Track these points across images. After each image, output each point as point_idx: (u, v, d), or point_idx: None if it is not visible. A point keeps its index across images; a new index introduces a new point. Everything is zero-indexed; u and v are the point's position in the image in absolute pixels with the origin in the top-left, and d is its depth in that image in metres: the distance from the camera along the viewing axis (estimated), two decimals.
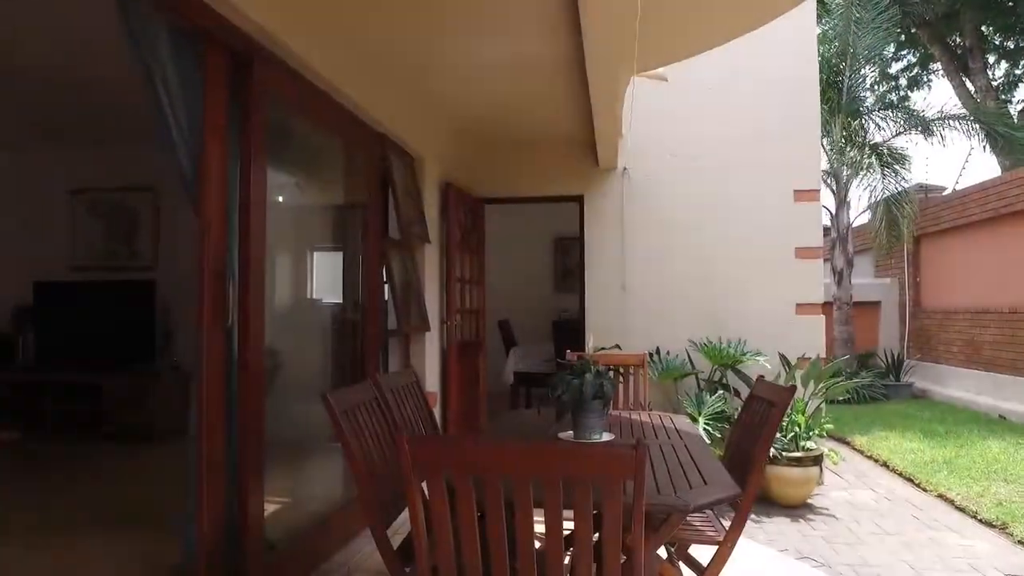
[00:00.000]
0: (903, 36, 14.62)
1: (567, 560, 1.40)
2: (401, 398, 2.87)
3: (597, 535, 1.39)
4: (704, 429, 4.44)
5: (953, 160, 35.34)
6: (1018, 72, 15.33)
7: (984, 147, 10.54)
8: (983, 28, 14.11)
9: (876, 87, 10.43)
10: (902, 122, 9.70)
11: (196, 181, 2.39)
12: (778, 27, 4.54)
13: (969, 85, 13.78)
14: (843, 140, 9.11)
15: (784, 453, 4.22)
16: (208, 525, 2.44)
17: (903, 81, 16.15)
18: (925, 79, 16.04)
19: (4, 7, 3.38)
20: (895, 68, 15.99)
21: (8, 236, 6.39)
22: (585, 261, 5.47)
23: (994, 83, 14.51)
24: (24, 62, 4.12)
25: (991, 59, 14.90)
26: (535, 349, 6.81)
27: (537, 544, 1.34)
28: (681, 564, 2.51)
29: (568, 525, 1.27)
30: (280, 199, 3.31)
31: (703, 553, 2.37)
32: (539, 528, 1.32)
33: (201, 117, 2.39)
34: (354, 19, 3.12)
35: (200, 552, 2.44)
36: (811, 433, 4.41)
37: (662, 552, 2.34)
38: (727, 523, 2.34)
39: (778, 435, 4.19)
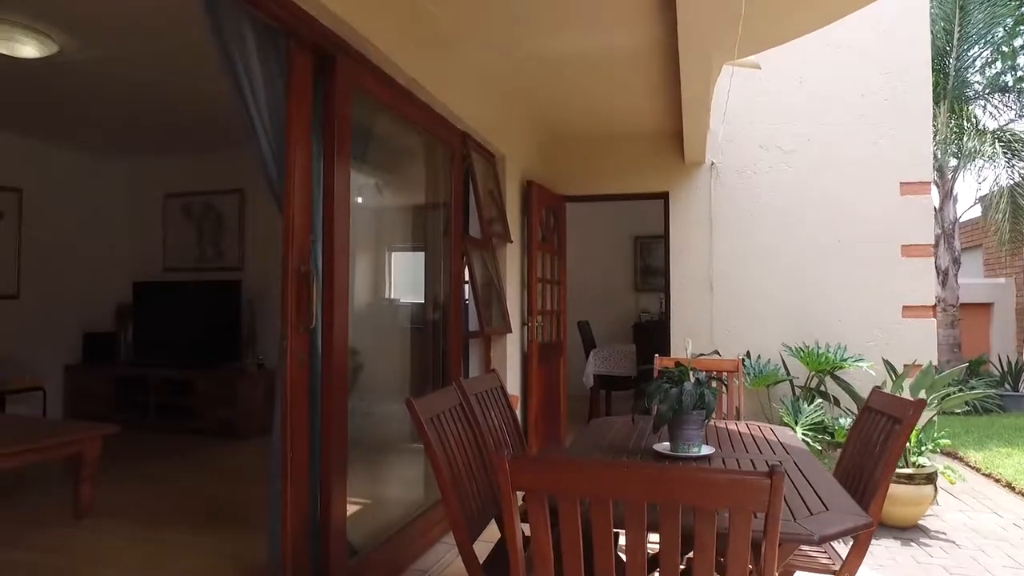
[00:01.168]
0: None
1: None
2: (485, 403, 2.76)
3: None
4: (802, 440, 4.13)
5: None
6: None
7: None
8: None
9: (988, 68, 9.53)
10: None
11: (281, 180, 2.37)
12: (883, 5, 4.19)
13: None
14: (951, 128, 8.41)
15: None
16: (292, 527, 2.41)
17: None
18: None
19: (108, 33, 3.52)
20: (1018, 44, 14.55)
21: (114, 238, 6.76)
22: (670, 260, 5.23)
23: None
24: (124, 79, 4.33)
25: None
26: (615, 351, 6.60)
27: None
28: None
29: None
30: (360, 198, 3.28)
31: None
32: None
33: (285, 115, 2.36)
34: (435, 13, 3.04)
35: (284, 554, 2.41)
36: (923, 448, 4.03)
37: None
38: (839, 548, 2.11)
39: None
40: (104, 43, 3.89)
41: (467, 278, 3.82)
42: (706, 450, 2.34)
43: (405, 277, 4.57)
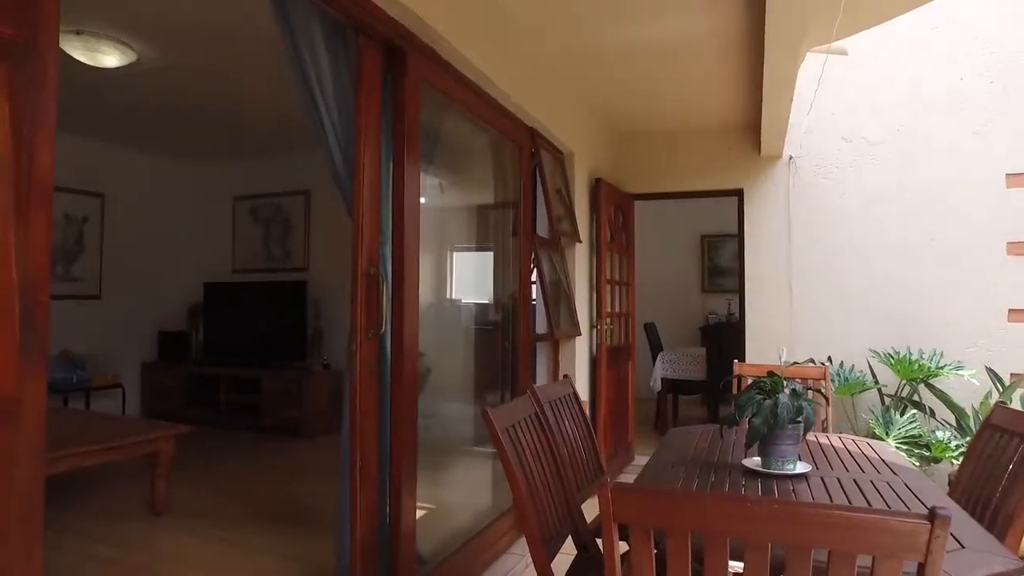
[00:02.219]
0: None
1: None
2: (559, 411, 2.64)
3: None
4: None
5: None
6: None
7: None
8: None
9: None
10: None
11: (350, 180, 2.30)
12: None
13: None
14: None
15: None
16: (362, 536, 2.35)
17: None
18: None
19: (182, 40, 3.57)
20: None
21: (186, 240, 6.96)
22: (745, 260, 4.97)
23: None
24: (197, 85, 4.42)
25: None
26: (684, 354, 6.36)
27: None
28: None
29: None
30: (424, 198, 3.20)
31: None
32: None
33: (354, 113, 2.29)
34: (504, 4, 2.93)
35: (354, 564, 2.35)
36: None
37: None
38: None
39: None
40: (178, 49, 3.97)
41: (535, 279, 3.70)
42: (801, 467, 2.15)
43: (468, 277, 4.49)
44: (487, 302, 4.43)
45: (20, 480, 1.16)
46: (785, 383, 2.17)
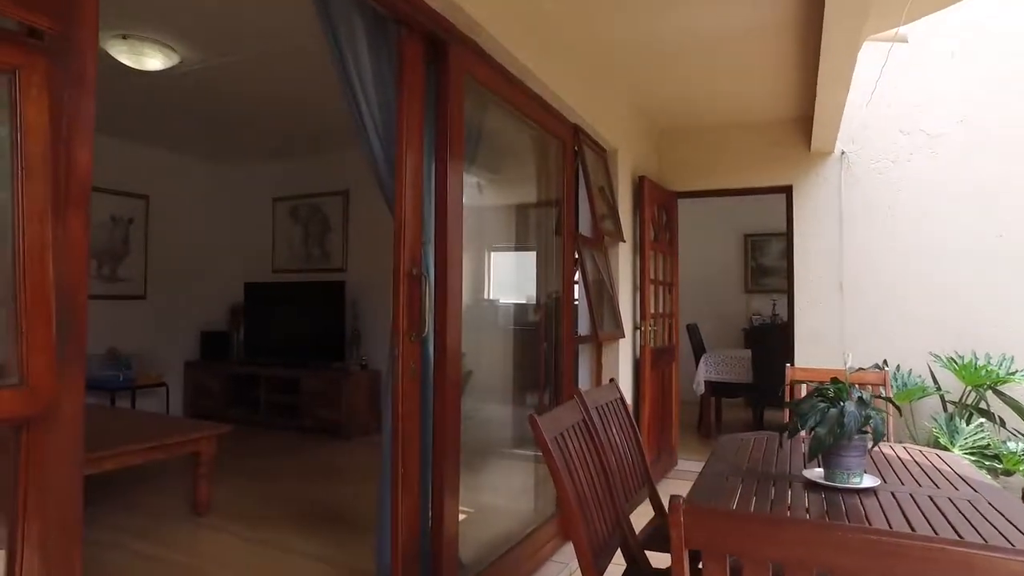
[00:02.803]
0: None
1: None
2: (606, 417, 2.54)
3: None
4: None
5: None
6: None
7: None
8: None
9: None
10: None
11: (392, 178, 2.23)
12: None
13: None
14: None
15: None
16: (403, 544, 2.28)
17: None
18: None
19: (223, 41, 3.57)
20: None
21: (227, 241, 7.04)
22: (794, 260, 4.78)
23: None
24: (237, 87, 4.44)
25: None
26: (728, 356, 6.18)
27: None
28: None
29: None
30: (464, 197, 3.13)
31: None
32: None
33: (396, 109, 2.23)
34: None
35: (395, 566, 2.29)
36: None
37: None
38: None
39: None
40: (218, 51, 3.99)
41: (577, 278, 3.60)
42: (868, 481, 2.01)
43: (506, 277, 4.41)
44: (525, 302, 4.34)
45: (57, 488, 1.11)
46: (851, 390, 2.04)
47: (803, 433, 2.04)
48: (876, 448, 2.59)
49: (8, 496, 1.10)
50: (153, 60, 3.96)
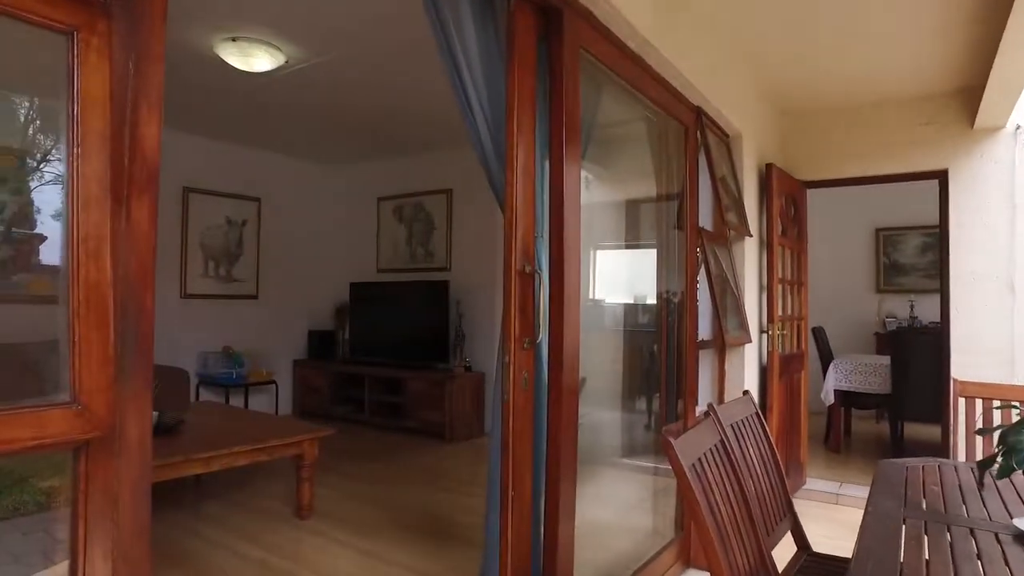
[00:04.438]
0: None
1: None
2: (742, 436, 2.21)
3: None
4: None
5: None
6: None
7: None
8: None
9: None
10: None
11: (501, 166, 2.00)
12: None
13: None
14: None
15: None
16: (513, 561, 2.04)
17: None
18: None
19: (328, 39, 3.50)
20: None
21: (333, 241, 7.15)
22: (950, 255, 4.16)
23: None
24: (342, 86, 4.40)
25: None
26: (861, 363, 5.55)
27: None
28: None
29: None
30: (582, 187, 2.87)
31: None
32: None
33: (506, 89, 1.99)
34: None
35: None
36: None
37: None
38: None
39: None
40: (323, 50, 3.95)
41: (705, 279, 3.24)
42: None
43: (616, 276, 4.11)
44: (634, 302, 4.02)
45: (122, 522, 0.94)
46: None
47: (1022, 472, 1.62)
48: None
49: (68, 527, 0.94)
50: (261, 60, 3.97)
